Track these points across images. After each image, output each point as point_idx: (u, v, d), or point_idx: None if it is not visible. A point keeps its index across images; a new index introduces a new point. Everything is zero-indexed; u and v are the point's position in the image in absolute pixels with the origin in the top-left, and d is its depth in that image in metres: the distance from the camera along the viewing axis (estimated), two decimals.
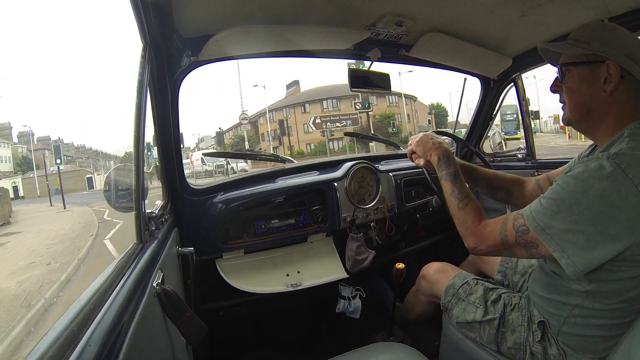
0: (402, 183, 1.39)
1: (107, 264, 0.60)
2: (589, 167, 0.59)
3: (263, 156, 1.58)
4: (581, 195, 0.58)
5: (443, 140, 0.92)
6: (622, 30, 0.68)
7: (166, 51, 0.90)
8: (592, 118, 0.70)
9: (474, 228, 0.74)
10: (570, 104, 0.72)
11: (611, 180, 0.56)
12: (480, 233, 0.73)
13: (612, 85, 0.65)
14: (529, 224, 0.63)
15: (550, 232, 0.60)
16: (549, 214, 0.61)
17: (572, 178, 0.60)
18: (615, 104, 0.66)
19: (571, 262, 0.59)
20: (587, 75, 0.68)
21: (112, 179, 0.81)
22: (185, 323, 0.65)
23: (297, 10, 0.91)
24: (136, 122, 0.69)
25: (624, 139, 0.62)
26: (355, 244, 1.27)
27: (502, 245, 0.68)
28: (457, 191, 0.81)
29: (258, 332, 1.43)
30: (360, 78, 1.25)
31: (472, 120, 1.65)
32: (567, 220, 0.59)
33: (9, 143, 37.85)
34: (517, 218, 0.66)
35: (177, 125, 1.00)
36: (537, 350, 0.76)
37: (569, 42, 0.71)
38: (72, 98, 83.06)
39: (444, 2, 0.93)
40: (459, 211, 0.79)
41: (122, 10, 9.85)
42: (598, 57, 0.66)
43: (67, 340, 0.36)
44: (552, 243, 0.60)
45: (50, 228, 8.32)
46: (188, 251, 0.93)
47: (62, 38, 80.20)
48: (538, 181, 0.99)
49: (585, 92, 0.69)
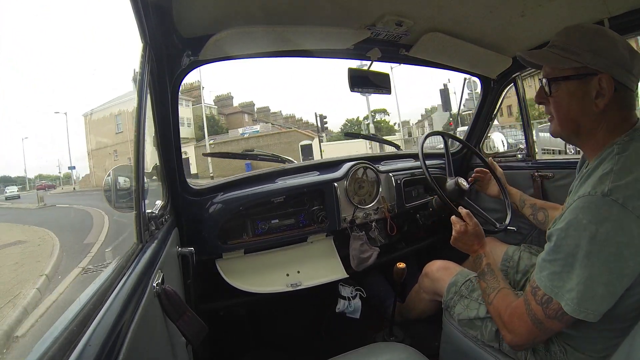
0: (402, 183, 1.39)
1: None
2: (586, 209, 0.57)
3: (263, 156, 1.57)
4: (588, 245, 0.55)
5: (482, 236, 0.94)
6: (612, 35, 0.63)
7: (166, 51, 0.90)
8: (582, 133, 0.67)
9: (504, 318, 0.72)
10: (559, 119, 0.68)
11: (613, 220, 0.54)
12: (511, 323, 0.70)
13: (605, 100, 0.61)
14: (549, 293, 0.60)
15: (570, 296, 0.57)
16: (565, 276, 0.58)
17: (572, 230, 0.57)
18: (607, 117, 0.63)
19: (598, 314, 0.57)
20: (577, 90, 0.64)
21: (112, 179, 0.81)
22: (185, 323, 0.65)
23: (297, 10, 0.91)
24: (136, 122, 0.69)
25: (613, 156, 0.60)
26: (359, 243, 1.27)
27: (535, 326, 0.64)
28: (487, 285, 0.83)
29: (258, 332, 1.43)
30: (360, 78, 1.25)
31: (472, 120, 1.65)
32: (583, 277, 0.56)
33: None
34: (536, 292, 0.63)
35: (177, 125, 1.00)
36: (538, 348, 0.76)
37: (553, 50, 0.66)
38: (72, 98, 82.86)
39: (444, 2, 0.93)
40: (490, 306, 0.79)
41: (122, 10, 9.75)
42: (589, 69, 0.62)
43: (67, 340, 0.36)
44: (575, 309, 0.57)
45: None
46: (188, 251, 0.93)
47: (62, 38, 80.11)
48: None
49: (575, 108, 0.65)
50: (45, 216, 9.99)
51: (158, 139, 0.96)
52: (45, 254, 5.20)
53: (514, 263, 1.06)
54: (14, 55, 54.57)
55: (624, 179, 0.56)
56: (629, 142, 0.61)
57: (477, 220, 0.94)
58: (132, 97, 0.72)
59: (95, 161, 24.03)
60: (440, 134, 1.40)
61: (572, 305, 0.58)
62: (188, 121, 27.09)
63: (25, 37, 65.82)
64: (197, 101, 27.43)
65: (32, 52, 60.43)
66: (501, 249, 1.13)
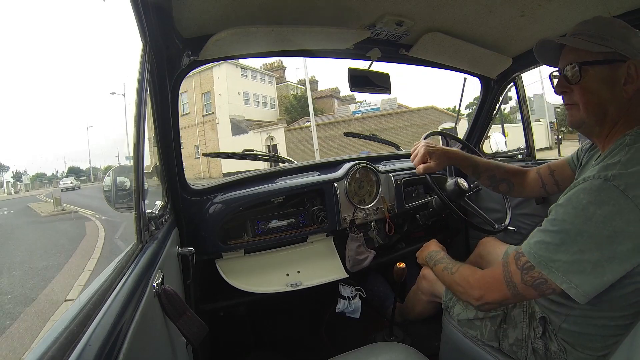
0: (402, 183, 1.39)
1: None
2: (587, 191, 0.57)
3: (263, 156, 1.57)
4: (583, 225, 0.56)
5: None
6: (634, 29, 0.64)
7: (166, 51, 0.90)
8: (606, 120, 0.66)
9: (474, 279, 0.72)
10: (587, 105, 0.67)
11: (612, 204, 0.54)
12: (482, 282, 0.70)
13: (634, 87, 0.62)
14: (533, 261, 0.61)
15: (555, 265, 0.58)
16: (552, 247, 0.59)
17: (572, 207, 0.58)
18: (632, 105, 0.63)
19: (580, 292, 0.57)
20: (607, 75, 0.63)
21: (112, 179, 0.81)
22: (185, 323, 0.65)
23: (297, 10, 0.91)
24: (136, 122, 0.69)
25: (623, 147, 0.60)
26: (356, 244, 1.27)
27: (509, 289, 0.64)
28: (445, 264, 0.85)
29: (258, 332, 1.43)
30: (360, 78, 1.25)
31: (472, 120, 1.65)
32: (572, 251, 0.57)
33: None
34: (519, 257, 0.63)
35: (177, 125, 1.00)
36: (538, 347, 0.76)
37: (581, 37, 0.66)
38: (71, 98, 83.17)
39: (444, 2, 0.93)
40: (452, 275, 0.79)
41: (122, 10, 9.59)
42: (618, 55, 0.62)
43: (67, 340, 0.36)
44: (559, 276, 0.58)
45: None
46: (188, 251, 0.93)
47: (62, 38, 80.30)
48: (539, 170, 0.99)
49: (605, 94, 0.64)
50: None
51: (158, 139, 0.96)
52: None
53: None
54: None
55: (630, 169, 0.56)
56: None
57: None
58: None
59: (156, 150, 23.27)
60: (441, 134, 1.40)
61: (557, 273, 0.58)
62: (272, 101, 24.17)
63: (24, 36, 65.75)
64: (280, 80, 25.32)
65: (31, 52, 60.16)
66: (501, 249, 1.13)
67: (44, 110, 77.25)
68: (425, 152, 1.02)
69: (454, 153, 1.04)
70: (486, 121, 1.62)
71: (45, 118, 78.16)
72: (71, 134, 75.72)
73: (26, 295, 3.72)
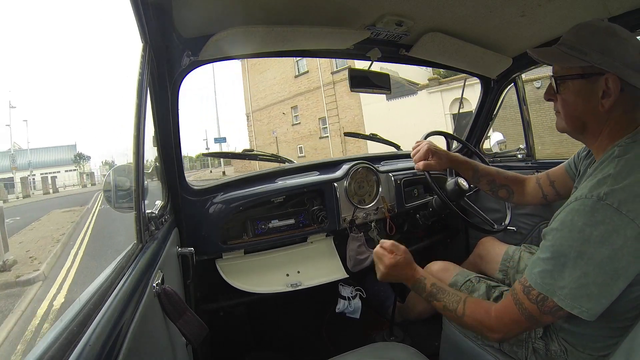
0: (402, 183, 1.39)
1: None
2: (581, 212, 0.57)
3: (263, 156, 1.57)
4: (582, 246, 0.56)
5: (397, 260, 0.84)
6: (623, 34, 0.61)
7: (166, 51, 0.90)
8: (587, 131, 0.68)
9: (490, 322, 0.69)
10: (566, 117, 0.69)
11: (607, 223, 0.55)
12: (501, 324, 0.68)
13: (610, 100, 0.62)
14: (542, 291, 0.60)
15: (563, 292, 0.58)
16: (556, 274, 0.58)
17: (567, 231, 0.58)
18: (612, 117, 0.64)
19: (592, 313, 0.57)
20: (584, 89, 0.64)
21: (112, 179, 0.81)
22: (185, 323, 0.65)
23: (297, 10, 0.91)
24: (136, 122, 0.69)
25: (613, 159, 0.60)
26: (356, 244, 1.27)
27: (529, 322, 0.63)
28: (445, 302, 0.77)
29: (258, 332, 1.43)
30: (360, 78, 1.25)
31: (472, 120, 1.65)
32: (576, 276, 0.56)
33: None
34: (529, 291, 0.62)
35: (177, 125, 1.00)
36: (538, 347, 0.76)
37: (562, 48, 0.66)
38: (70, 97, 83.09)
39: (444, 2, 0.93)
40: (462, 318, 0.74)
41: (122, 10, 9.39)
42: (596, 69, 0.61)
43: (67, 340, 0.36)
44: (569, 303, 0.57)
45: None
46: (188, 251, 0.93)
47: (62, 38, 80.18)
48: (538, 180, 0.99)
49: (581, 107, 0.65)
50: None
51: (158, 139, 0.96)
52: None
53: (514, 263, 1.06)
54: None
55: (621, 183, 0.56)
56: (631, 144, 0.61)
57: (404, 247, 0.87)
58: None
59: (261, 140, 17.89)
60: (441, 134, 1.40)
61: (566, 300, 0.58)
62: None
63: (24, 36, 65.65)
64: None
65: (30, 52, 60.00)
66: (501, 249, 1.13)
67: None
68: (427, 150, 1.02)
69: (454, 155, 1.05)
70: (486, 121, 1.62)
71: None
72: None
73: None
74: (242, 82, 18.49)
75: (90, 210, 10.40)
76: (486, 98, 1.57)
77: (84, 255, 5.32)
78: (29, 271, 4.45)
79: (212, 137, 20.87)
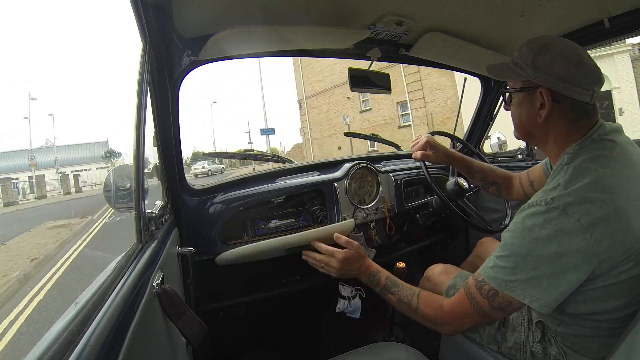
0: (402, 183, 1.39)
1: None
2: (531, 215, 0.61)
3: (263, 156, 1.57)
4: (531, 244, 0.60)
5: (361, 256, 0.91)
6: (558, 50, 0.66)
7: (166, 51, 0.90)
8: (535, 140, 0.74)
9: (442, 315, 0.73)
10: (515, 126, 0.76)
11: (554, 223, 0.58)
12: (453, 318, 0.72)
13: (545, 111, 0.67)
14: (494, 285, 0.64)
15: (514, 285, 0.61)
16: (509, 270, 0.62)
17: (519, 231, 0.62)
18: (552, 127, 0.69)
19: (543, 303, 0.60)
20: (525, 101, 0.70)
21: (112, 179, 0.81)
22: (185, 323, 0.64)
23: (297, 10, 0.91)
24: (136, 122, 0.69)
25: (562, 167, 0.64)
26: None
27: (480, 317, 0.67)
28: (399, 296, 0.81)
29: (258, 332, 1.43)
30: (360, 78, 1.25)
31: (472, 120, 1.65)
32: (527, 269, 0.60)
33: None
34: (482, 286, 0.66)
35: (177, 125, 1.00)
36: (537, 350, 0.76)
37: (509, 64, 0.72)
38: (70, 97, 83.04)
39: (444, 2, 0.93)
40: (415, 311, 0.77)
41: (122, 10, 9.23)
42: (533, 83, 0.67)
43: (67, 340, 0.36)
44: (520, 293, 0.61)
45: None
46: (188, 251, 0.93)
47: (61, 38, 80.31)
48: (520, 179, 1.06)
49: (525, 118, 0.72)
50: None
51: (158, 139, 0.96)
52: None
53: None
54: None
55: (568, 189, 0.60)
56: (578, 151, 0.65)
57: (357, 243, 0.93)
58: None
59: (318, 131, 15.46)
60: (441, 134, 1.40)
61: (517, 290, 0.61)
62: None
63: (24, 36, 65.44)
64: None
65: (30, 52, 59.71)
66: None
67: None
68: (426, 142, 1.09)
69: (451, 151, 1.12)
70: (486, 121, 1.62)
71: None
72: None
73: None
74: (292, 64, 15.33)
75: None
76: (486, 98, 1.57)
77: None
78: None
79: (255, 129, 19.06)
